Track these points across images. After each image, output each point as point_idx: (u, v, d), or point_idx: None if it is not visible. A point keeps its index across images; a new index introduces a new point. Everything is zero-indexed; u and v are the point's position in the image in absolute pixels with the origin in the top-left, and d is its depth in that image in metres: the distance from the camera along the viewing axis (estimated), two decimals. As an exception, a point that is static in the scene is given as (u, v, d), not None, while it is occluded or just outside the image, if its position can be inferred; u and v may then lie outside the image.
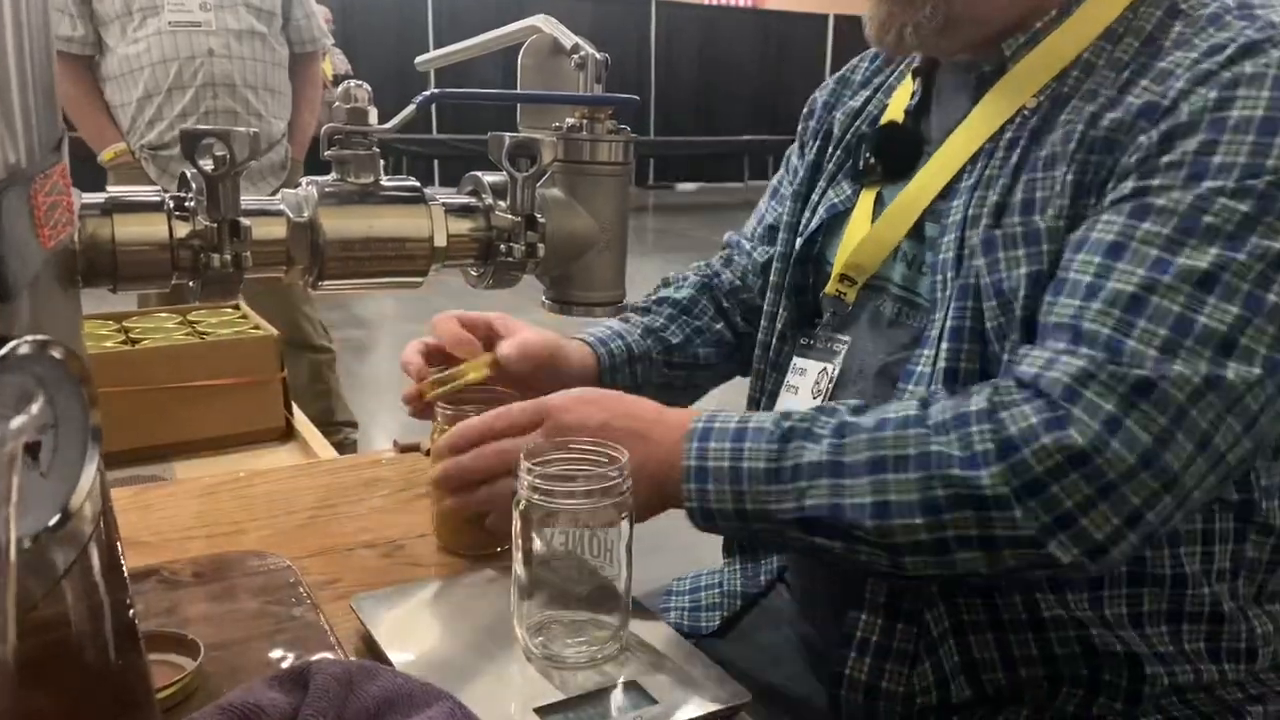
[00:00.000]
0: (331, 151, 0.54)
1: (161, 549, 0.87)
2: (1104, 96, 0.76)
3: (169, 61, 2.41)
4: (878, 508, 0.70)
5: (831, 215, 0.94)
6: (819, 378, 0.91)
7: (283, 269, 0.53)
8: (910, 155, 0.88)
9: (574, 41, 0.60)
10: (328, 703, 0.44)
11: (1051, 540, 0.67)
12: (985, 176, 0.80)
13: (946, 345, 0.78)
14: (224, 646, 0.67)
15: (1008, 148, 0.79)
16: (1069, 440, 0.66)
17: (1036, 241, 0.75)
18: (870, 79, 1.01)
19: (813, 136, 1.03)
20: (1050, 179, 0.76)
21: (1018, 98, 0.80)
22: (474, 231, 0.57)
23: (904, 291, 0.87)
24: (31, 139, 0.39)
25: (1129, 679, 0.77)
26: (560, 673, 0.66)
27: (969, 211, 0.79)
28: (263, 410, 1.34)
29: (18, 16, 0.40)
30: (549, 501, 0.65)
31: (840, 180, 0.95)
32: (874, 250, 0.87)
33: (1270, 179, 0.67)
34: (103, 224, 0.47)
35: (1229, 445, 0.67)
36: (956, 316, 0.78)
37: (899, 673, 0.80)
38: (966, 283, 0.78)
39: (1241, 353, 0.66)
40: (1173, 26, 0.76)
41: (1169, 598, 0.76)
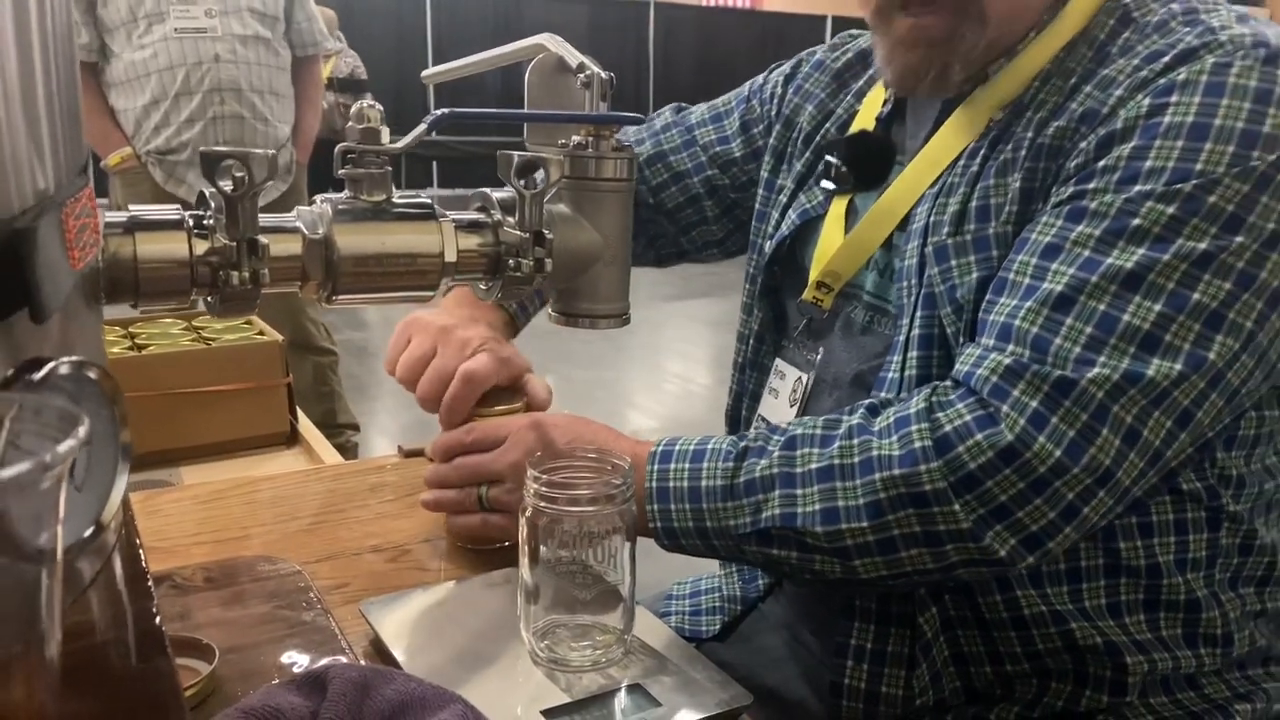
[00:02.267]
0: (345, 170, 0.55)
1: (171, 554, 0.88)
2: (1052, 104, 0.78)
3: (175, 67, 2.43)
4: (827, 514, 0.72)
5: (804, 221, 0.95)
6: (795, 385, 0.93)
7: (298, 284, 0.54)
8: (882, 165, 0.89)
9: (580, 60, 0.61)
10: (345, 705, 0.45)
11: (988, 532, 0.70)
12: (947, 184, 0.82)
13: (916, 354, 0.80)
14: (237, 650, 0.68)
15: (969, 157, 0.81)
16: (999, 436, 0.69)
17: (987, 248, 0.77)
18: (844, 75, 1.01)
19: (780, 119, 1.03)
20: (1003, 186, 0.78)
21: (987, 111, 0.82)
22: (483, 247, 0.58)
23: (875, 299, 0.88)
24: (60, 164, 0.41)
25: (1111, 669, 0.79)
26: (566, 675, 0.67)
27: (930, 219, 0.81)
28: (268, 415, 1.36)
29: (45, 43, 0.41)
30: (554, 509, 0.67)
31: (812, 185, 0.96)
32: (850, 258, 0.89)
33: (1197, 183, 0.69)
34: (125, 242, 0.49)
35: (1162, 440, 0.69)
36: (924, 325, 0.80)
37: (897, 676, 0.82)
38: (927, 291, 0.80)
39: (1165, 349, 0.68)
40: (1122, 33, 0.78)
41: (1145, 588, 0.78)
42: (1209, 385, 0.69)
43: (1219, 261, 0.68)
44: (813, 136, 0.99)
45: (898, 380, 0.81)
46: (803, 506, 0.73)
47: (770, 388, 0.97)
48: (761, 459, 0.76)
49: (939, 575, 0.74)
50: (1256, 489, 0.80)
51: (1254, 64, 0.70)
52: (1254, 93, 0.70)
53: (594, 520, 0.67)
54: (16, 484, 0.25)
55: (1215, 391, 0.69)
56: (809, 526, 0.73)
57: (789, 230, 0.96)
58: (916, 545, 0.71)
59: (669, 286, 6.40)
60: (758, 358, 1.01)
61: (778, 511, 0.74)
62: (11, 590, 0.27)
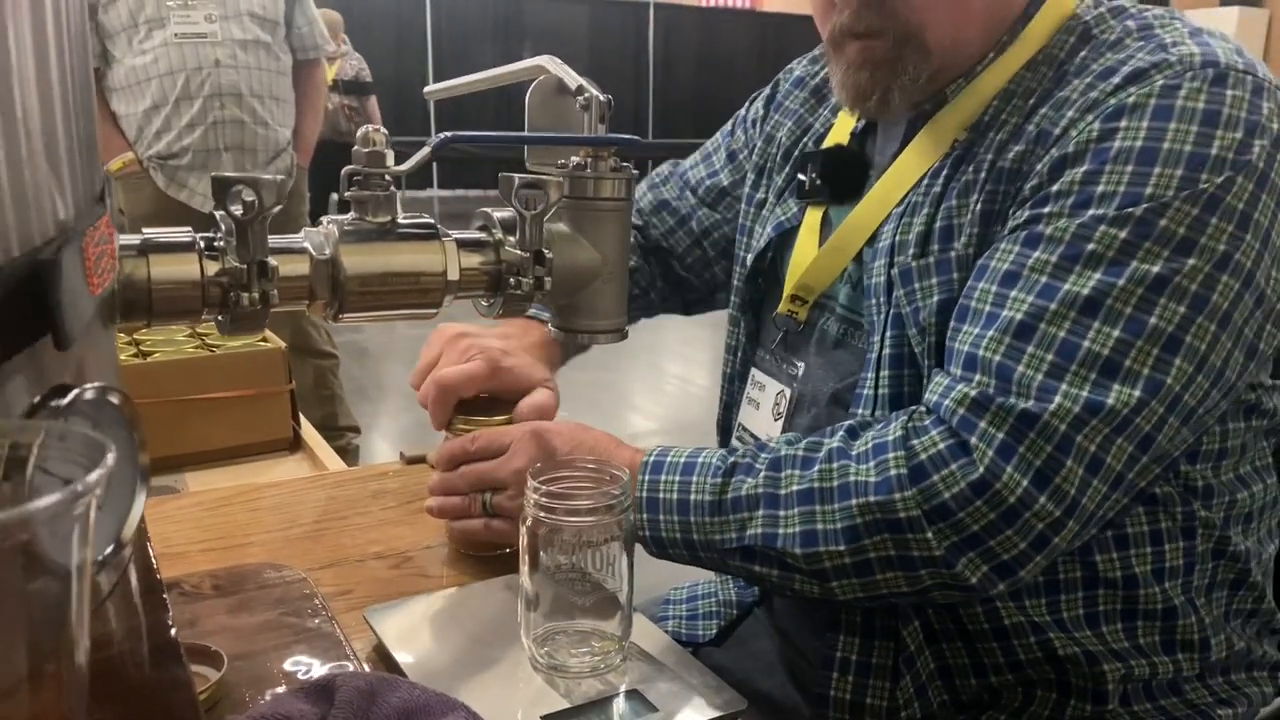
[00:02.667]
0: (351, 192, 0.57)
1: (177, 561, 0.90)
2: (1013, 125, 0.79)
3: (176, 73, 2.44)
4: (806, 536, 0.74)
5: (779, 233, 0.97)
6: (778, 399, 0.95)
7: (306, 303, 0.56)
8: (856, 178, 0.91)
9: (579, 83, 0.63)
10: (352, 713, 0.47)
11: (960, 559, 0.71)
12: (912, 204, 0.83)
13: (888, 372, 0.82)
14: (244, 657, 0.70)
15: (932, 177, 0.83)
16: (971, 468, 0.70)
17: (948, 271, 0.79)
18: (822, 90, 1.03)
19: (763, 136, 1.06)
20: (964, 207, 0.79)
21: (951, 131, 0.83)
22: (484, 265, 0.60)
23: (849, 312, 0.90)
24: (79, 193, 0.42)
25: (1091, 678, 0.80)
26: (565, 681, 0.69)
27: (895, 238, 0.83)
28: (271, 421, 1.37)
29: (64, 76, 0.43)
30: (554, 518, 0.69)
31: (787, 197, 0.98)
32: (824, 271, 0.91)
33: (1148, 206, 0.70)
34: (139, 264, 0.50)
35: (1125, 465, 0.70)
36: (894, 345, 0.82)
37: (881, 688, 0.83)
38: (896, 311, 0.81)
39: (1124, 375, 0.69)
40: (1080, 52, 0.79)
41: (1122, 598, 0.80)
42: (1167, 410, 0.70)
43: (1173, 285, 0.69)
44: (791, 151, 1.01)
45: (872, 398, 0.83)
46: (784, 528, 0.75)
47: (749, 398, 0.99)
48: (749, 477, 0.78)
49: (913, 598, 0.76)
50: (1228, 498, 0.81)
51: (1201, 85, 0.71)
52: (1201, 115, 0.71)
53: (593, 529, 0.69)
54: (50, 512, 0.27)
55: (1173, 415, 0.70)
56: (789, 548, 0.75)
57: (765, 242, 0.98)
58: (891, 569, 0.73)
59: (668, 288, 6.41)
60: (745, 369, 1.03)
61: (760, 531, 0.76)
62: (45, 606, 0.29)
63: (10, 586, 0.27)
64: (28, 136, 0.38)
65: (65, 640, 0.29)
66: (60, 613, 0.29)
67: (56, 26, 0.41)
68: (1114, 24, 0.79)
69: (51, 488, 0.32)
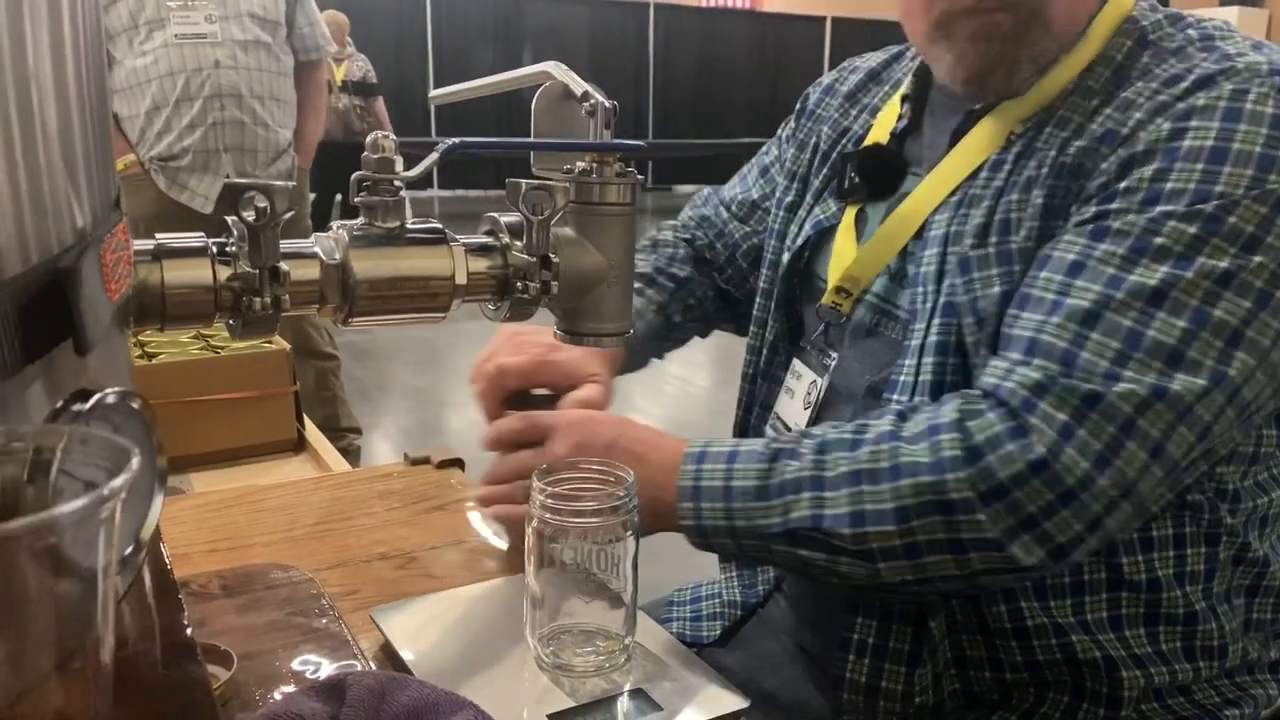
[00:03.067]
0: (360, 198, 0.58)
1: (184, 562, 0.91)
2: (1075, 123, 0.80)
3: (176, 74, 2.45)
4: (854, 517, 0.74)
5: (818, 231, 0.98)
6: (810, 389, 0.95)
7: (316, 307, 0.56)
8: (894, 177, 0.93)
9: (584, 89, 0.64)
10: (363, 711, 0.48)
11: (1014, 542, 0.72)
12: (969, 196, 0.84)
13: (931, 359, 0.82)
14: (253, 656, 0.70)
15: (991, 169, 0.84)
16: (1030, 449, 0.71)
17: (1009, 262, 0.80)
18: (856, 94, 1.05)
19: (798, 146, 1.07)
20: (1025, 201, 0.80)
21: (1009, 124, 0.84)
22: (492, 270, 0.61)
23: (881, 302, 0.91)
24: (95, 201, 0.43)
25: (1108, 684, 0.81)
26: (570, 680, 0.70)
27: (950, 229, 0.84)
28: (275, 422, 1.38)
29: (81, 87, 0.43)
30: (560, 519, 0.69)
31: (826, 197, 1.00)
32: (869, 264, 0.91)
33: (1218, 204, 0.71)
34: (153, 270, 0.51)
35: (1183, 454, 0.72)
36: (941, 332, 0.82)
37: (897, 673, 0.84)
38: (949, 300, 0.82)
39: (1188, 365, 0.70)
40: (1141, 56, 0.80)
41: (1145, 601, 0.80)
42: (1227, 400, 0.71)
43: (1239, 280, 0.71)
44: (829, 154, 1.02)
45: (910, 384, 0.83)
46: (830, 509, 0.75)
47: (786, 387, 0.99)
48: (794, 461, 0.78)
49: (961, 583, 0.76)
50: (1251, 504, 0.82)
51: (1269, 91, 0.74)
52: (1269, 119, 0.73)
53: (598, 530, 0.70)
54: (77, 516, 0.28)
55: (1231, 406, 0.72)
56: (836, 528, 0.75)
57: (804, 240, 0.99)
58: (940, 551, 0.73)
59: (668, 288, 6.41)
60: (770, 369, 1.03)
61: (807, 513, 0.76)
62: (71, 606, 0.30)
63: (39, 587, 0.28)
64: (46, 146, 0.39)
65: (91, 638, 0.30)
66: (86, 612, 0.30)
67: (74, 35, 0.42)
68: (1174, 32, 0.81)
69: (74, 491, 0.33)
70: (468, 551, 0.95)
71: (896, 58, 1.06)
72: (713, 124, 12.25)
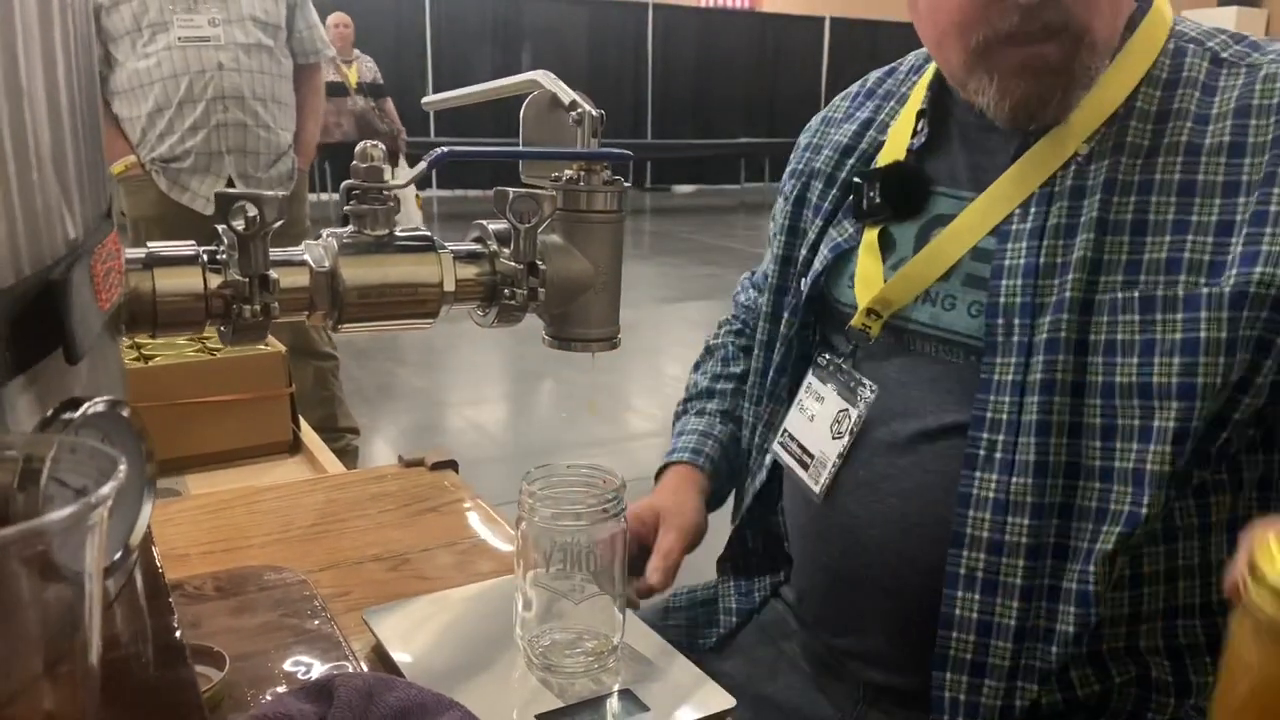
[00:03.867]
0: (350, 206, 0.58)
1: (178, 563, 0.91)
2: (1145, 145, 0.79)
3: (179, 76, 2.45)
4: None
5: (836, 255, 0.96)
6: (840, 417, 0.92)
7: (306, 314, 0.57)
8: (919, 196, 0.91)
9: (572, 98, 0.65)
10: (351, 712, 0.48)
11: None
12: (1056, 225, 0.81)
13: (1038, 398, 0.79)
14: (245, 657, 0.71)
15: (1073, 196, 0.81)
16: None
17: (1195, 308, 0.75)
18: (853, 114, 1.03)
19: (792, 176, 1.06)
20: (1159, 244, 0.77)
21: (1069, 143, 0.82)
22: (480, 276, 0.61)
23: (937, 330, 0.87)
24: (87, 211, 0.44)
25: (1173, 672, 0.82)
26: (559, 681, 0.71)
27: (1040, 259, 0.81)
28: (271, 424, 1.39)
29: (72, 98, 0.44)
30: (549, 522, 0.70)
31: (841, 219, 0.97)
32: (906, 288, 0.88)
33: None
34: (144, 278, 0.52)
35: None
36: (1047, 370, 0.79)
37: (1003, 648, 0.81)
38: (1063, 336, 0.79)
39: None
40: (1220, 74, 0.80)
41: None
42: None
43: None
44: (835, 176, 1.00)
45: (1011, 423, 0.80)
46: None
47: (802, 406, 0.97)
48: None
49: None
50: None
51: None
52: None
53: (587, 533, 0.70)
54: (65, 524, 0.29)
55: None
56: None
57: (822, 265, 0.96)
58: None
59: (667, 289, 6.43)
60: (775, 389, 1.02)
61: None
62: (60, 611, 0.30)
63: (28, 593, 0.29)
64: (39, 159, 0.40)
65: (79, 642, 0.31)
66: (74, 616, 0.31)
67: (65, 45, 0.43)
68: (1225, 40, 0.82)
69: (64, 498, 0.34)
70: (460, 553, 0.96)
71: (889, 73, 1.04)
72: (711, 124, 12.26)
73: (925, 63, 1.00)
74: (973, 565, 0.80)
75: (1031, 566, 0.79)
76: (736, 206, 11.77)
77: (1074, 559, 0.79)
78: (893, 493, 0.86)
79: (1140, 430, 0.76)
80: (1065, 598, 0.79)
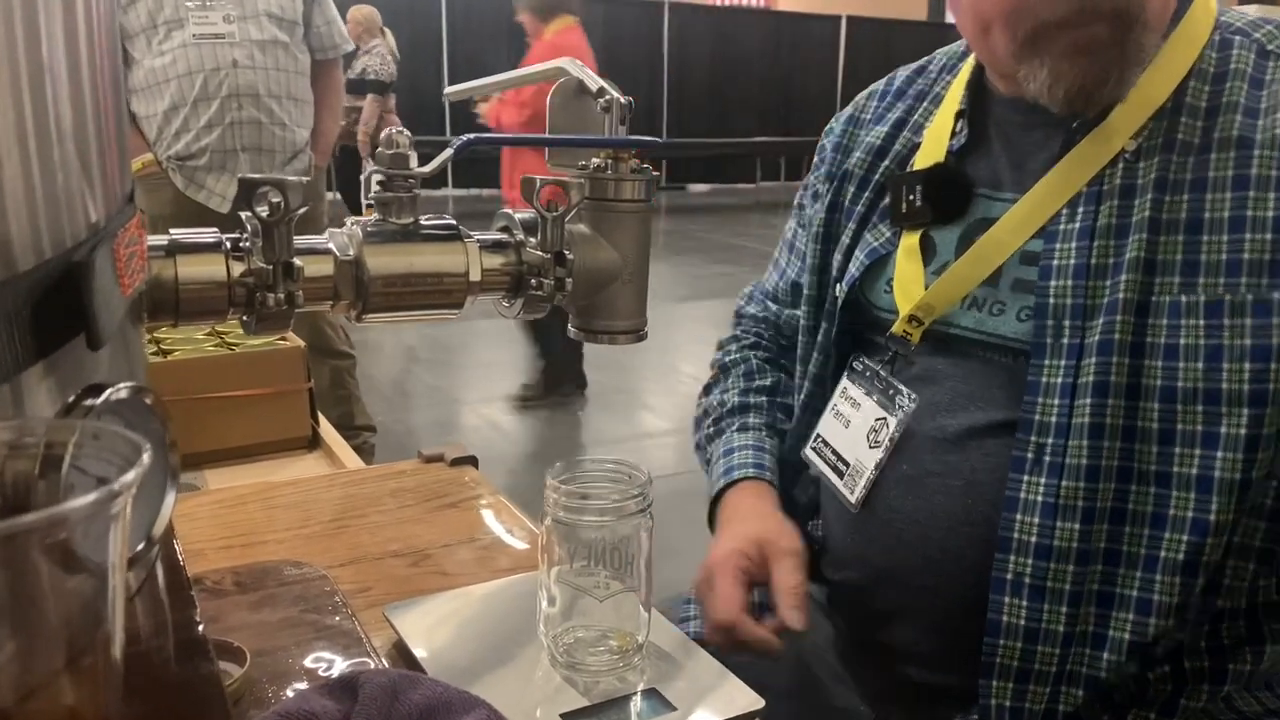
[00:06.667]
0: (374, 194, 0.57)
1: (197, 558, 0.91)
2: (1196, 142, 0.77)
3: (194, 73, 2.45)
4: None
5: (873, 260, 0.93)
6: (877, 425, 0.89)
7: (330, 303, 0.56)
8: (961, 198, 0.88)
9: (599, 85, 0.63)
10: (375, 709, 0.47)
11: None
12: (1107, 225, 0.79)
13: (1089, 401, 0.77)
14: (266, 653, 0.70)
15: (1123, 195, 0.79)
16: None
17: (1266, 314, 0.74)
18: (883, 115, 1.00)
19: (826, 180, 1.02)
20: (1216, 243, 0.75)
21: (1115, 140, 0.80)
22: (506, 266, 0.60)
23: (983, 335, 0.85)
24: (110, 195, 0.43)
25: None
26: (583, 679, 0.69)
27: (1092, 259, 0.79)
28: (289, 419, 1.38)
29: (95, 80, 0.43)
30: (574, 518, 0.69)
31: (877, 223, 0.94)
32: (949, 293, 0.86)
33: None
34: (167, 265, 0.51)
35: None
36: (1100, 372, 0.77)
37: (1050, 653, 0.80)
38: (1117, 338, 0.77)
39: None
40: (1267, 66, 0.78)
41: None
42: None
43: None
44: (868, 179, 0.97)
45: (1062, 425, 0.78)
46: None
47: (838, 411, 0.94)
48: None
49: None
50: None
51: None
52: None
53: (612, 529, 0.69)
54: (87, 511, 0.27)
55: None
56: None
57: (858, 271, 0.94)
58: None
59: (682, 288, 6.41)
60: (812, 400, 1.00)
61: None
62: (82, 602, 0.29)
63: (50, 583, 0.28)
64: (60, 140, 0.39)
65: (102, 634, 0.30)
66: (97, 608, 0.30)
67: (88, 28, 0.42)
68: (1271, 30, 0.80)
69: (86, 486, 0.33)
70: (481, 549, 0.95)
71: (919, 72, 1.01)
72: (727, 123, 12.23)
73: (958, 61, 0.98)
74: (1020, 570, 0.79)
75: (1080, 572, 0.78)
76: (752, 205, 11.74)
77: (1132, 565, 0.77)
78: (939, 490, 0.85)
79: (1204, 436, 0.75)
80: (1121, 604, 0.77)
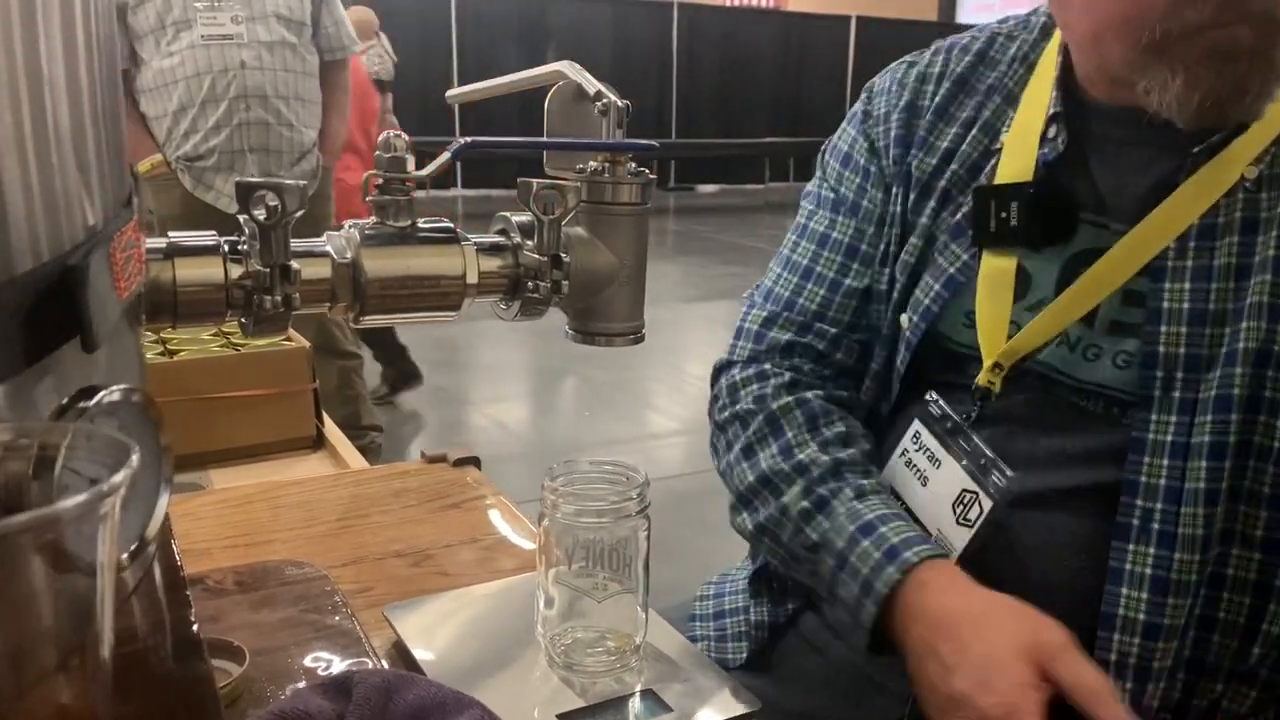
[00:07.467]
0: (372, 196, 0.58)
1: (200, 557, 0.91)
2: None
3: (202, 75, 2.47)
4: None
5: (952, 291, 0.81)
6: (966, 500, 0.79)
7: (328, 305, 0.57)
8: (1066, 222, 0.78)
9: (597, 88, 0.64)
10: (369, 709, 0.48)
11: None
12: (1226, 265, 0.71)
13: (1205, 463, 0.70)
14: (265, 652, 0.71)
15: (1244, 230, 0.71)
16: None
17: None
18: (947, 108, 0.87)
19: (897, 180, 0.87)
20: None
21: (1233, 167, 0.72)
22: (503, 269, 0.61)
23: (1073, 380, 0.77)
24: (107, 198, 0.44)
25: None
26: (581, 680, 0.70)
27: (1210, 305, 0.71)
28: (294, 419, 1.39)
29: (93, 83, 0.44)
30: (572, 520, 0.69)
31: (949, 243, 0.82)
32: (1044, 333, 0.77)
33: None
34: (165, 268, 0.51)
35: None
36: (1217, 431, 0.70)
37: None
38: (1236, 393, 0.70)
39: None
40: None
41: None
42: None
43: None
44: (933, 185, 0.84)
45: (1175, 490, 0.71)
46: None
47: (909, 460, 0.83)
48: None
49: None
50: None
51: None
52: None
53: (610, 531, 0.70)
54: (77, 512, 0.28)
55: None
56: None
57: (936, 305, 0.82)
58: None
59: (690, 288, 6.42)
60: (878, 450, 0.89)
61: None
62: (72, 602, 0.30)
63: (39, 583, 0.28)
64: (58, 143, 0.39)
65: (91, 634, 0.30)
66: (87, 608, 0.30)
67: (86, 31, 0.42)
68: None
69: (79, 487, 0.33)
70: (482, 550, 0.95)
71: (982, 60, 0.87)
72: (736, 123, 12.23)
73: (1030, 51, 0.85)
74: (1125, 650, 0.73)
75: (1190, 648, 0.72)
76: (761, 206, 11.73)
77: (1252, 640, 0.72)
78: (1036, 552, 0.77)
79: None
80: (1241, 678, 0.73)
